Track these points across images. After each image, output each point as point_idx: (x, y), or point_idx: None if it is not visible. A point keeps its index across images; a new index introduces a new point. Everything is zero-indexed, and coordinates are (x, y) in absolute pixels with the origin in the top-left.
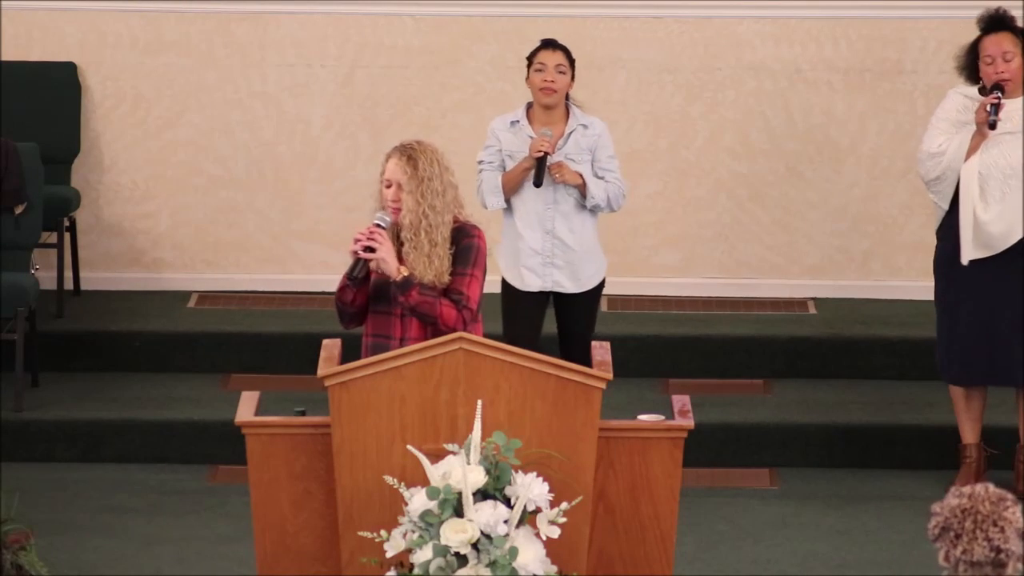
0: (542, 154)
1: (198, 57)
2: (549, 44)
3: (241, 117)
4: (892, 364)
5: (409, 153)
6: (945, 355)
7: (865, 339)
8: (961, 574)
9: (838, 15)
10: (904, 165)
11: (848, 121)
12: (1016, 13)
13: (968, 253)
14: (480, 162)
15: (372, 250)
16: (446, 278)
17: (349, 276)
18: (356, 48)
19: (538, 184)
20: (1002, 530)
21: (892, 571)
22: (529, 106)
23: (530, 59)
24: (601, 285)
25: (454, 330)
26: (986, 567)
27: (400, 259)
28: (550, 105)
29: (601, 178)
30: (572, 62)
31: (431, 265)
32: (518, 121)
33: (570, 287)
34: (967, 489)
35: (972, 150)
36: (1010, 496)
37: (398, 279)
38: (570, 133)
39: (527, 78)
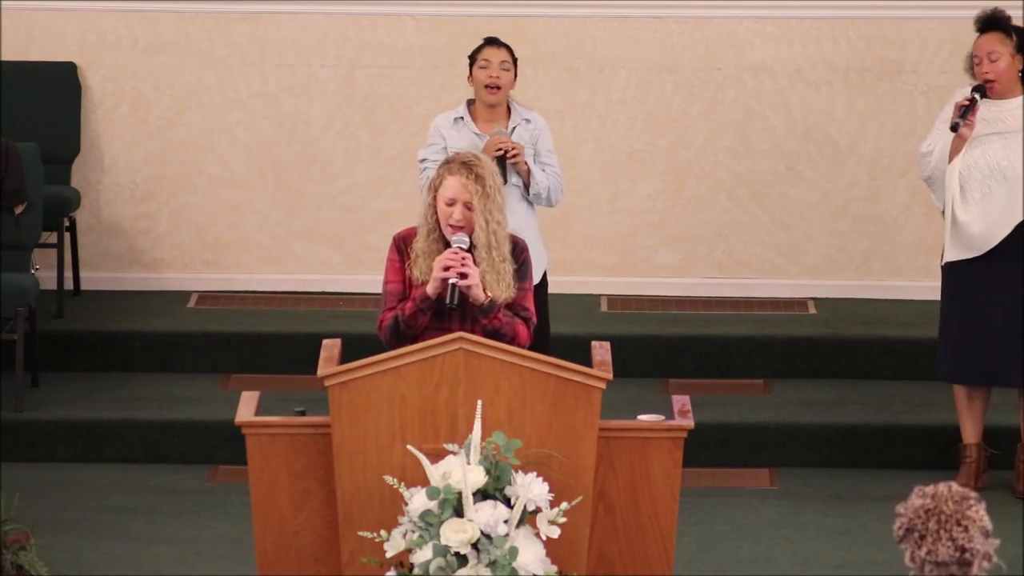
0: (502, 152)
1: (198, 57)
2: (493, 41)
3: (241, 117)
4: (892, 364)
5: (476, 171)
6: (940, 352)
7: (865, 339)
8: (927, 574)
9: (838, 15)
10: (904, 165)
11: (848, 121)
12: (1016, 13)
13: (949, 254)
14: (423, 160)
15: (465, 276)
16: (512, 293)
17: (448, 304)
18: (356, 48)
19: (503, 181)
20: (966, 529)
21: (892, 571)
22: (471, 103)
23: (473, 57)
24: (544, 279)
25: (523, 346)
26: (951, 567)
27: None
28: (494, 104)
29: (542, 171)
30: (515, 60)
31: (501, 281)
32: (462, 118)
33: None
34: (930, 489)
35: (955, 151)
36: (973, 495)
37: (485, 303)
38: (513, 128)
39: (469, 76)
